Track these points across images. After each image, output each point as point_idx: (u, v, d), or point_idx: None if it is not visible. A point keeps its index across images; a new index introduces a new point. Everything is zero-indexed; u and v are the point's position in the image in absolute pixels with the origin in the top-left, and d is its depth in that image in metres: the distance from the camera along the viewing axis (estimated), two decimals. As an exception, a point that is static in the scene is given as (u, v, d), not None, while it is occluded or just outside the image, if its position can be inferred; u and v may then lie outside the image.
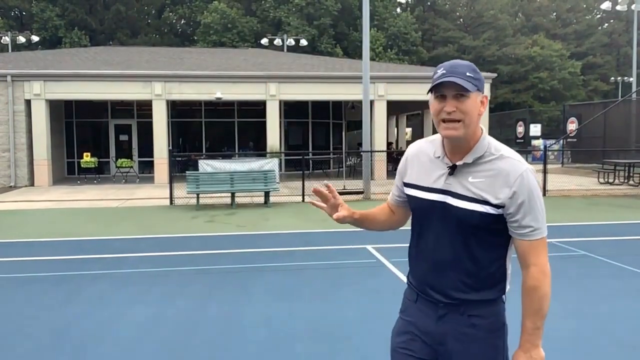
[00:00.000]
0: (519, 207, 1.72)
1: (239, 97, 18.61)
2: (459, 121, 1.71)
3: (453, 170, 1.79)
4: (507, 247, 1.83)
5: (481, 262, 1.79)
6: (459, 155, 1.79)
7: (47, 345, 4.06)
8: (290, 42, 34.66)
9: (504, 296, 1.86)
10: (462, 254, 1.79)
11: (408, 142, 32.81)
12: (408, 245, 1.96)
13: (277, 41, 34.87)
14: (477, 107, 1.74)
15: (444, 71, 1.71)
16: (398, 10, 51.59)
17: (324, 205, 1.96)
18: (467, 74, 1.70)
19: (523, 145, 28.23)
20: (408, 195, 1.92)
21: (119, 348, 4.00)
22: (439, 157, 1.83)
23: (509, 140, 31.37)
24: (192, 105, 21.15)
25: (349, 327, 4.38)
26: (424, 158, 1.89)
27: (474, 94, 1.71)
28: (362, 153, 13.38)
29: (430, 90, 1.74)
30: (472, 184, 1.75)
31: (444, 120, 1.73)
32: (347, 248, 7.29)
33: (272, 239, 8.14)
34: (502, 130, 32.58)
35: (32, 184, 17.00)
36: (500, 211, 1.74)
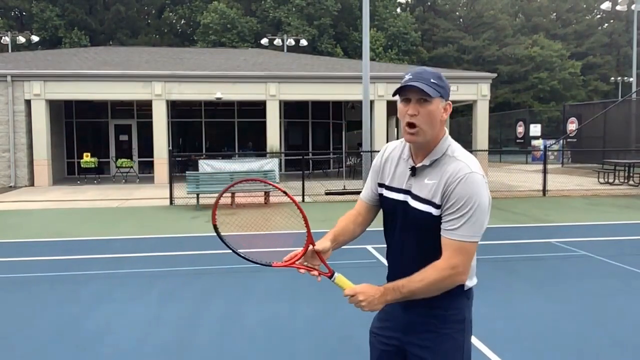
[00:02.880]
0: (450, 206, 1.77)
1: (239, 97, 18.60)
2: (418, 127, 1.79)
3: (414, 171, 1.88)
4: None
5: (435, 255, 1.82)
6: (421, 157, 1.87)
7: (46, 346, 4.06)
8: (290, 42, 34.64)
9: (466, 291, 1.90)
10: (421, 253, 1.86)
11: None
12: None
13: (277, 41, 34.86)
14: (440, 113, 1.82)
15: (411, 76, 1.81)
16: (398, 10, 51.58)
17: (314, 272, 1.96)
18: (432, 80, 1.79)
19: (523, 145, 28.22)
20: (380, 195, 2.00)
21: (118, 348, 4.00)
22: (405, 158, 1.92)
23: (509, 140, 31.41)
24: (192, 105, 21.15)
25: (349, 326, 4.37)
26: (395, 159, 1.97)
27: (437, 99, 1.79)
28: (362, 153, 13.38)
29: (397, 94, 1.84)
30: (426, 185, 1.83)
31: (408, 125, 1.81)
32: (347, 248, 7.24)
33: (272, 239, 8.14)
34: (502, 130, 32.58)
35: (32, 184, 16.99)
36: (440, 211, 1.81)
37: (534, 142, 27.50)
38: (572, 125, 25.06)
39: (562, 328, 4.33)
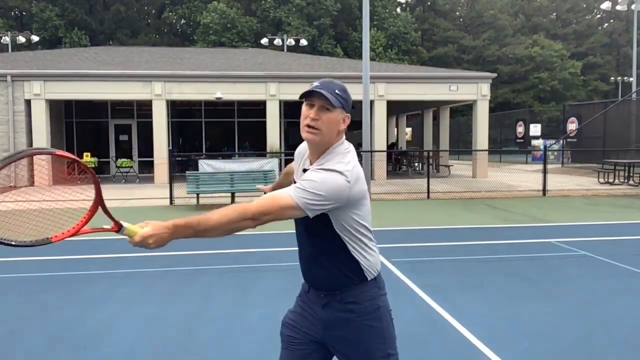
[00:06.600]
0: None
1: (239, 97, 18.60)
2: (318, 129, 1.92)
3: (305, 172, 2.00)
4: (346, 237, 1.94)
5: (328, 253, 1.95)
6: (314, 159, 2.00)
7: (46, 346, 4.06)
8: (290, 42, 34.63)
9: (373, 281, 2.00)
10: (313, 247, 2.00)
11: (408, 142, 32.77)
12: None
13: (277, 41, 34.86)
14: (338, 123, 1.96)
15: (318, 84, 1.94)
16: (398, 10, 51.60)
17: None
18: (337, 91, 1.93)
19: (523, 145, 28.22)
20: None
21: (118, 348, 3.99)
22: (305, 157, 2.10)
23: (509, 140, 31.41)
24: (192, 105, 21.16)
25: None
26: (301, 157, 2.15)
27: (338, 109, 1.93)
28: (362, 153, 13.37)
29: (302, 97, 1.96)
30: None
31: (307, 125, 1.93)
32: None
33: (272, 239, 8.13)
34: (502, 130, 32.57)
35: (32, 184, 16.99)
36: None
37: (534, 142, 27.49)
38: (572, 125, 25.05)
39: (562, 328, 4.33)
